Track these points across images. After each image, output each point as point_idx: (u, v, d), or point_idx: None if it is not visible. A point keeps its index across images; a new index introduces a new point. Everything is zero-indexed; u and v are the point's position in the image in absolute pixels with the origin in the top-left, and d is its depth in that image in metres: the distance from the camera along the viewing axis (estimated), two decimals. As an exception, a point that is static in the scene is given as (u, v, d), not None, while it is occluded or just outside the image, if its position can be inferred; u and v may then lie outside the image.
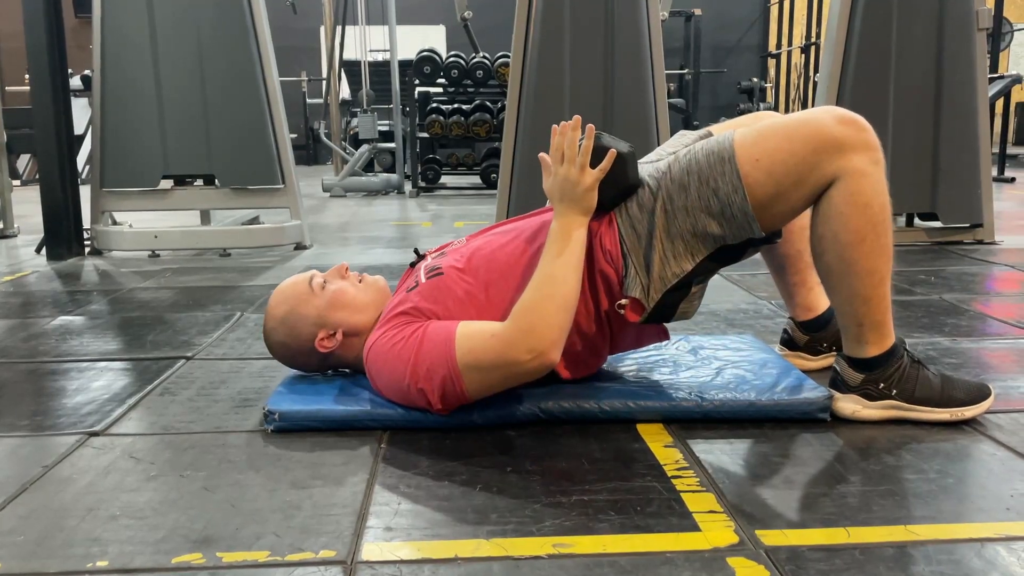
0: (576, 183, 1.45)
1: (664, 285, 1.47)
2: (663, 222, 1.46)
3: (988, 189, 3.74)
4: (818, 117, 1.41)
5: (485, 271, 1.53)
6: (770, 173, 1.40)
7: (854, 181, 1.38)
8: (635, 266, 1.48)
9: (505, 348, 1.38)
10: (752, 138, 1.44)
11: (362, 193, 7.38)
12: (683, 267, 1.46)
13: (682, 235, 1.45)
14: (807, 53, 11.40)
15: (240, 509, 1.21)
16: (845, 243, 1.41)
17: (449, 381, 1.40)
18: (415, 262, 1.69)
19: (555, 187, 1.47)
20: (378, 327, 1.54)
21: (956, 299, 2.60)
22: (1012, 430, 1.48)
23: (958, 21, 3.61)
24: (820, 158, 1.39)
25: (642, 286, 1.48)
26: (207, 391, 1.77)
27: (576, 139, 1.46)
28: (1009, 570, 1.03)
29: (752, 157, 1.41)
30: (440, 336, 1.42)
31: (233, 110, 3.80)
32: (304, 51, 12.94)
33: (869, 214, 1.39)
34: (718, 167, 1.43)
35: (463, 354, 1.39)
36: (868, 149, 1.39)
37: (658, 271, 1.47)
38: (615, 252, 1.49)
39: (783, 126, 1.43)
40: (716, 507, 1.20)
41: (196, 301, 2.74)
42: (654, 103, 3.69)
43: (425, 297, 1.51)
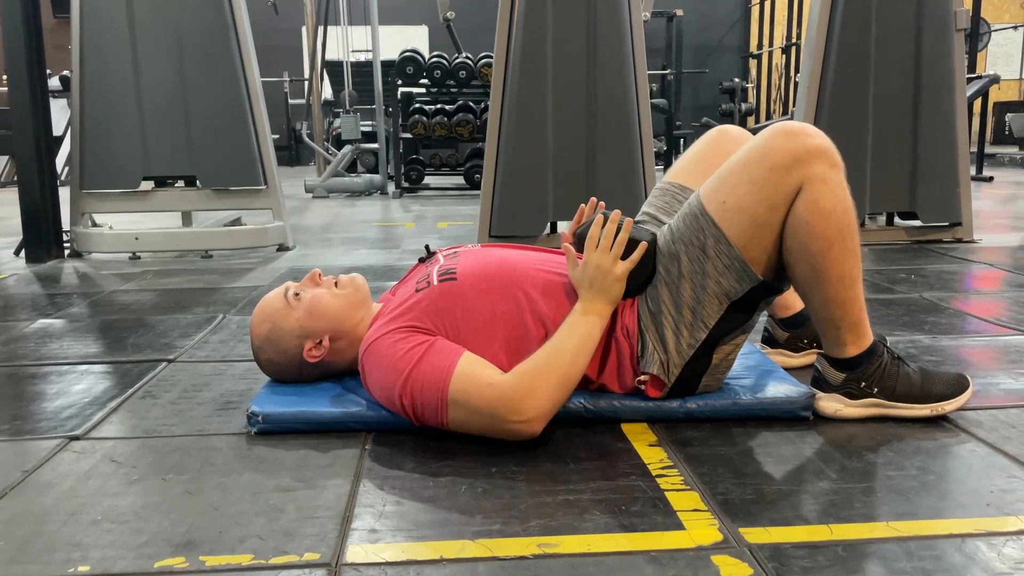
0: (607, 272, 1.47)
1: (682, 359, 1.49)
2: (667, 296, 1.49)
3: (967, 188, 3.79)
4: (766, 139, 1.43)
5: (500, 285, 1.51)
6: (741, 209, 1.42)
7: (814, 188, 1.39)
8: (653, 342, 1.50)
9: (497, 401, 1.37)
10: (714, 185, 1.47)
11: (345, 194, 7.36)
12: (697, 336, 1.48)
13: (688, 304, 1.47)
14: (788, 54, 11.48)
15: (223, 512, 1.21)
16: (814, 252, 1.42)
17: (433, 408, 1.40)
18: (424, 257, 1.68)
19: (585, 275, 1.48)
20: (382, 323, 1.51)
21: (936, 297, 2.62)
22: (992, 426, 1.50)
23: (936, 22, 3.65)
24: (779, 175, 1.40)
25: (660, 362, 1.50)
26: (189, 394, 1.76)
27: (613, 231, 1.49)
28: (989, 565, 1.04)
29: (719, 201, 1.44)
30: (441, 362, 1.40)
31: (214, 111, 3.78)
32: (286, 51, 12.87)
33: (833, 219, 1.41)
34: (695, 225, 1.47)
35: (456, 390, 1.38)
36: (822, 154, 1.40)
37: (674, 345, 1.49)
38: (632, 328, 1.51)
39: (737, 161, 1.46)
40: (700, 505, 1.21)
41: (178, 303, 2.72)
42: (636, 103, 3.70)
43: (434, 302, 1.49)
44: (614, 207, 1.95)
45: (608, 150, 3.68)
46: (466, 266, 1.54)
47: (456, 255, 1.60)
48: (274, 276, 3.22)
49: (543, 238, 3.77)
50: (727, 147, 1.69)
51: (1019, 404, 1.62)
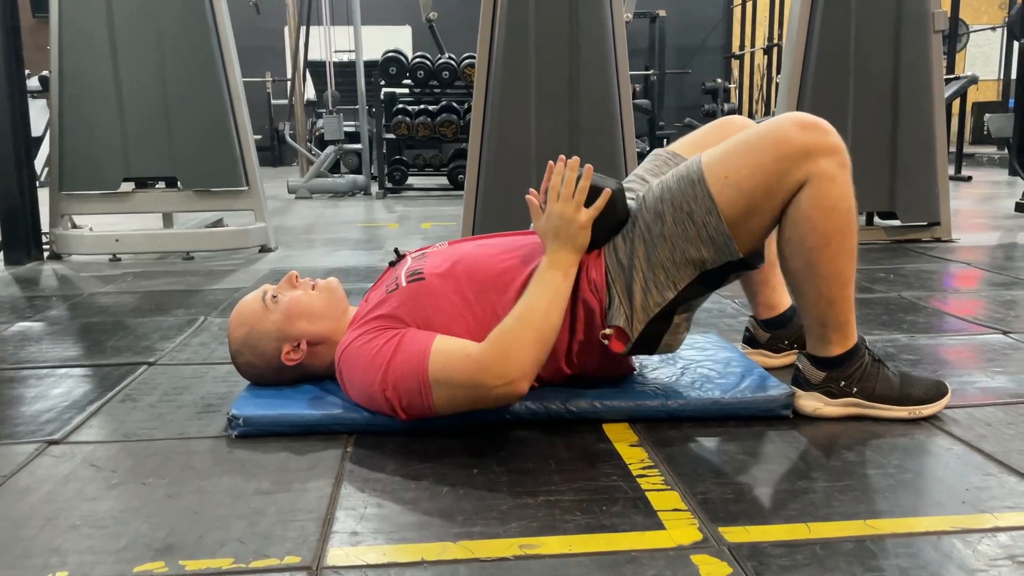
0: (571, 221, 1.46)
1: (647, 315, 1.48)
2: (643, 251, 1.48)
3: (945, 188, 3.82)
4: (780, 125, 1.42)
5: (468, 282, 1.51)
6: (740, 188, 1.42)
7: (821, 185, 1.40)
8: (619, 296, 1.50)
9: (478, 370, 1.37)
10: (718, 156, 1.45)
11: (328, 195, 7.33)
12: (665, 296, 1.47)
13: (662, 264, 1.47)
14: (769, 54, 11.55)
15: (203, 516, 1.20)
16: (811, 247, 1.43)
17: (417, 393, 1.40)
18: (394, 261, 1.68)
19: (549, 226, 1.47)
20: (353, 328, 1.52)
21: (914, 296, 2.65)
22: (968, 425, 1.52)
23: (914, 23, 3.68)
24: (786, 166, 1.40)
25: (625, 316, 1.49)
26: (170, 397, 1.75)
27: (573, 179, 1.47)
28: (965, 562, 1.05)
29: (720, 175, 1.43)
30: (415, 347, 1.41)
31: (195, 111, 3.75)
32: (268, 51, 12.82)
33: (835, 218, 1.41)
34: (689, 191, 1.45)
35: (436, 369, 1.38)
36: (833, 152, 1.41)
37: (640, 301, 1.48)
38: (600, 282, 1.50)
39: (746, 140, 1.44)
40: (680, 505, 1.22)
41: (158, 305, 2.70)
42: (619, 103, 3.71)
43: (404, 303, 1.49)
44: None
45: (591, 150, 3.68)
46: (433, 265, 1.55)
47: (424, 256, 1.61)
48: (256, 278, 3.21)
49: (526, 239, 3.77)
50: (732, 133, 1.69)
51: (995, 402, 1.64)
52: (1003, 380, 1.78)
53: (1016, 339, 2.10)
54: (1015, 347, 2.03)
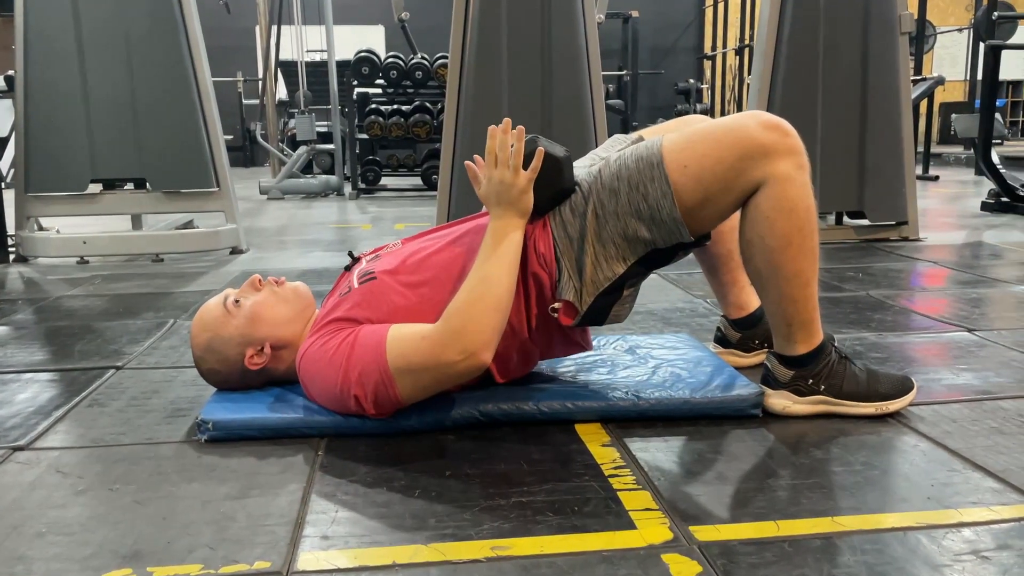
0: (511, 185, 1.45)
1: (596, 288, 1.49)
2: (594, 226, 1.48)
3: (912, 188, 3.88)
4: (744, 123, 1.43)
5: (418, 275, 1.52)
6: (698, 179, 1.43)
7: (780, 186, 1.41)
8: (568, 270, 1.50)
9: (436, 349, 1.37)
10: (680, 144, 1.46)
11: (300, 195, 7.28)
12: (615, 271, 1.48)
13: (613, 239, 1.47)
14: (741, 55, 11.65)
15: (172, 522, 1.19)
16: (772, 247, 1.44)
17: (382, 385, 1.40)
18: (350, 265, 1.67)
19: (490, 191, 1.47)
20: (310, 335, 1.52)
21: (882, 295, 2.68)
22: (934, 421, 1.54)
23: (882, 25, 3.73)
24: (746, 164, 1.41)
25: (575, 289, 1.49)
26: (138, 401, 1.73)
27: (508, 142, 1.46)
28: (930, 558, 1.07)
29: (680, 163, 1.44)
30: (371, 340, 1.41)
31: (164, 111, 3.71)
32: (239, 51, 12.71)
33: (794, 218, 1.43)
34: (647, 172, 1.45)
35: (395, 357, 1.38)
36: (793, 154, 1.43)
37: (590, 274, 1.48)
38: (548, 256, 1.50)
39: (711, 132, 1.45)
40: (652, 505, 1.22)
41: (127, 308, 2.67)
42: (591, 103, 3.72)
43: (357, 303, 1.49)
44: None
45: (563, 151, 3.69)
46: (384, 265, 1.55)
47: (377, 257, 1.61)
48: (227, 280, 3.18)
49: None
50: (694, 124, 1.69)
51: (960, 399, 1.67)
52: (968, 377, 1.81)
53: (981, 336, 2.14)
54: (980, 344, 2.07)
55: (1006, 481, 1.29)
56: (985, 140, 5.12)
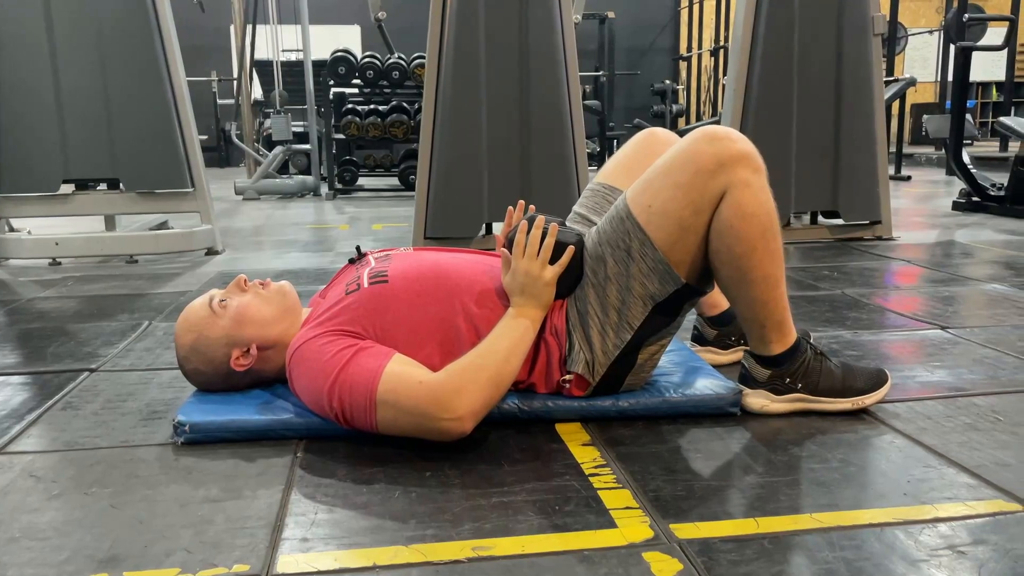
0: (537, 279, 1.48)
1: (608, 359, 1.51)
2: (594, 297, 1.51)
3: (886, 187, 3.93)
4: (691, 143, 1.46)
5: (434, 287, 1.50)
6: (665, 213, 1.45)
7: (738, 193, 1.43)
8: (579, 341, 1.52)
9: (427, 399, 1.36)
10: (640, 188, 1.49)
11: (277, 196, 7.24)
12: (622, 337, 1.50)
13: (613, 305, 1.49)
14: (716, 56, 11.73)
15: (149, 526, 1.18)
16: (739, 254, 1.45)
17: (362, 410, 1.38)
18: (355, 259, 1.66)
19: (515, 283, 1.49)
20: (309, 326, 1.49)
21: (857, 294, 2.71)
22: (909, 418, 1.56)
23: (855, 27, 3.77)
24: (704, 180, 1.43)
25: (586, 361, 1.52)
26: (113, 404, 1.71)
27: (538, 238, 1.49)
28: (907, 553, 1.08)
29: (644, 205, 1.46)
30: (370, 363, 1.39)
31: (137, 111, 3.67)
32: (214, 50, 12.61)
33: (756, 223, 1.44)
34: (621, 228, 1.48)
35: (385, 390, 1.37)
36: (744, 159, 1.44)
37: (600, 345, 1.51)
38: (561, 328, 1.53)
39: (663, 164, 1.48)
40: (632, 503, 1.23)
41: (101, 310, 2.64)
42: (569, 104, 3.73)
43: (363, 305, 1.47)
44: (548, 208, 1.97)
45: (542, 151, 3.70)
46: (398, 269, 1.53)
47: (388, 258, 1.59)
48: (203, 281, 3.15)
49: (478, 239, 3.78)
50: (656, 148, 1.73)
51: (935, 396, 1.69)
52: (942, 374, 1.83)
53: (954, 334, 2.17)
54: (953, 342, 2.09)
55: (980, 477, 1.31)
56: (956, 141, 5.19)
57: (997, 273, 3.05)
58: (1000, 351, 2.00)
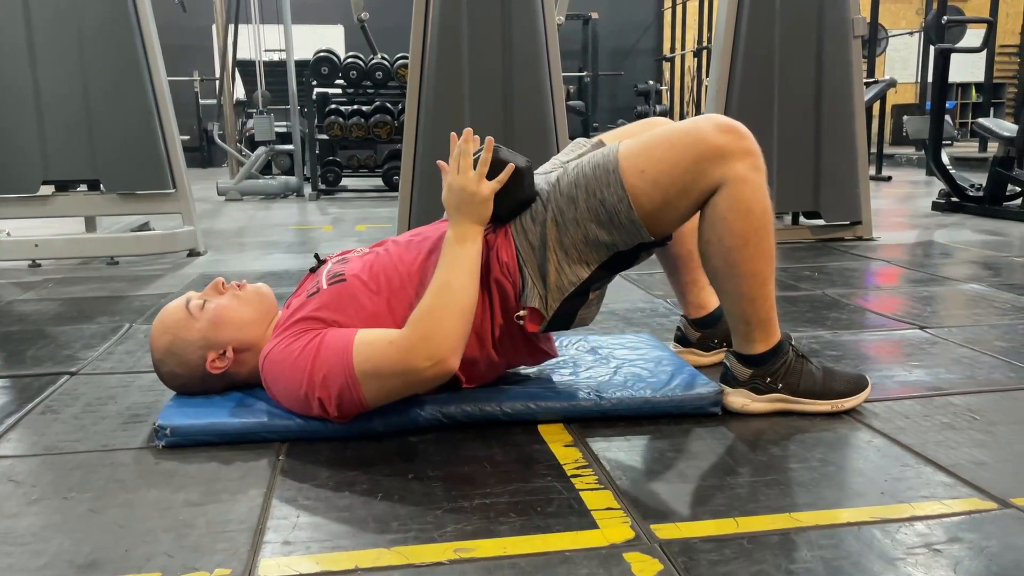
0: (473, 193, 1.46)
1: (562, 294, 1.50)
2: (555, 233, 1.49)
3: (866, 188, 3.96)
4: (700, 126, 1.45)
5: (386, 280, 1.52)
6: (656, 183, 1.44)
7: (736, 187, 1.43)
8: (532, 277, 1.51)
9: (403, 355, 1.37)
10: (637, 149, 1.47)
11: (259, 196, 7.20)
12: (579, 275, 1.49)
13: (575, 245, 1.48)
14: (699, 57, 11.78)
15: (129, 530, 1.17)
16: (729, 247, 1.46)
17: (347, 389, 1.39)
18: (315, 267, 1.66)
19: (451, 197, 1.48)
20: (275, 335, 1.51)
21: (838, 294, 2.74)
22: (887, 418, 1.58)
23: (835, 29, 3.80)
24: (703, 166, 1.43)
25: (540, 296, 1.50)
26: (93, 408, 1.70)
27: (470, 151, 1.47)
28: (884, 551, 1.09)
29: (637, 168, 1.45)
30: (338, 344, 1.40)
31: (118, 111, 3.64)
32: (196, 50, 12.52)
33: (751, 219, 1.45)
34: (603, 178, 1.47)
35: (361, 361, 1.37)
36: (748, 155, 1.45)
37: (554, 281, 1.49)
38: (512, 264, 1.51)
39: (667, 136, 1.47)
40: (613, 504, 1.23)
41: (81, 313, 2.62)
42: (552, 105, 3.73)
43: (325, 304, 1.49)
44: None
45: (525, 151, 3.67)
46: (354, 268, 1.54)
47: (345, 260, 1.61)
48: (184, 283, 3.13)
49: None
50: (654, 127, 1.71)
51: (913, 396, 1.71)
52: (920, 374, 1.85)
53: (932, 334, 2.19)
54: (932, 342, 2.12)
55: (957, 475, 1.32)
56: (935, 141, 5.24)
57: (975, 273, 3.09)
58: (977, 351, 2.02)
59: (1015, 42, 12.97)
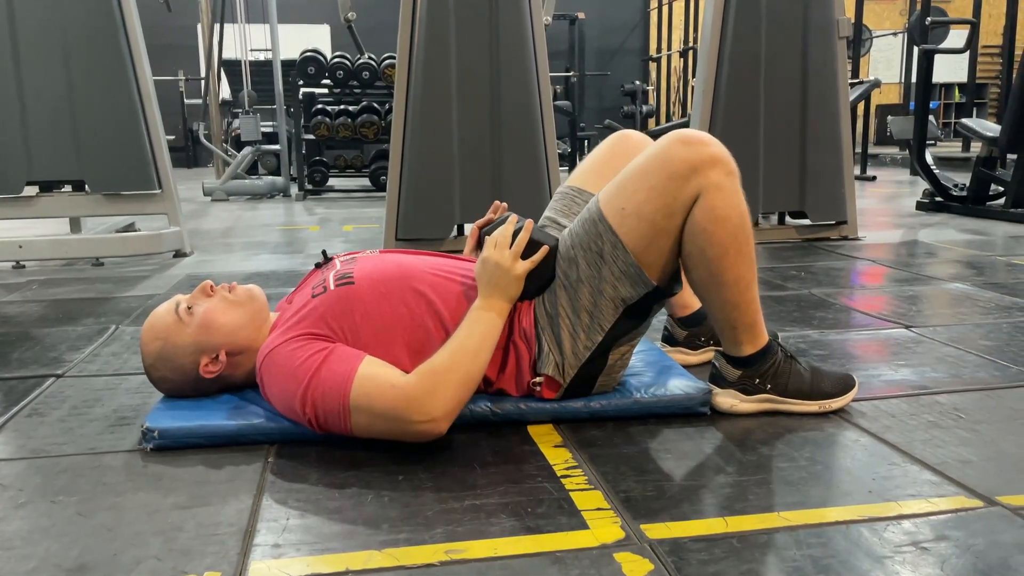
0: (507, 272, 1.48)
1: (578, 360, 1.52)
2: (565, 299, 1.51)
3: (851, 188, 3.99)
4: (664, 147, 1.47)
5: (399, 288, 1.51)
6: (639, 215, 1.46)
7: (711, 196, 1.44)
8: (548, 344, 1.53)
9: (401, 403, 1.36)
10: (613, 191, 1.50)
11: (246, 197, 7.17)
12: (593, 339, 1.51)
13: (585, 308, 1.50)
14: (685, 57, 11.82)
15: (118, 533, 1.16)
16: (711, 257, 1.47)
17: (336, 415, 1.38)
18: (321, 263, 1.65)
19: (484, 272, 1.49)
20: (278, 332, 1.49)
21: (824, 293, 2.75)
22: (874, 416, 1.59)
23: (821, 30, 3.83)
24: (677, 183, 1.44)
25: (556, 363, 1.52)
26: (80, 410, 1.68)
27: (511, 232, 1.50)
28: (872, 549, 1.10)
29: (617, 208, 1.47)
30: (341, 368, 1.39)
31: (103, 111, 3.61)
32: (181, 49, 12.46)
33: (729, 226, 1.46)
34: (593, 231, 1.49)
35: (358, 395, 1.37)
36: (718, 163, 1.45)
37: (570, 347, 1.52)
38: (530, 331, 1.53)
39: (636, 167, 1.49)
40: (603, 504, 1.24)
41: (67, 314, 2.60)
42: (539, 105, 3.74)
43: (331, 308, 1.47)
44: (518, 207, 1.98)
45: (513, 152, 3.71)
46: (364, 270, 1.53)
47: (354, 260, 1.59)
48: (171, 284, 3.11)
49: (450, 240, 3.78)
50: (628, 152, 1.74)
51: (899, 394, 1.72)
52: (906, 373, 1.87)
53: (918, 333, 2.21)
54: (917, 341, 2.13)
55: (943, 474, 1.33)
56: (920, 141, 5.28)
57: (960, 272, 3.11)
58: (962, 349, 2.04)
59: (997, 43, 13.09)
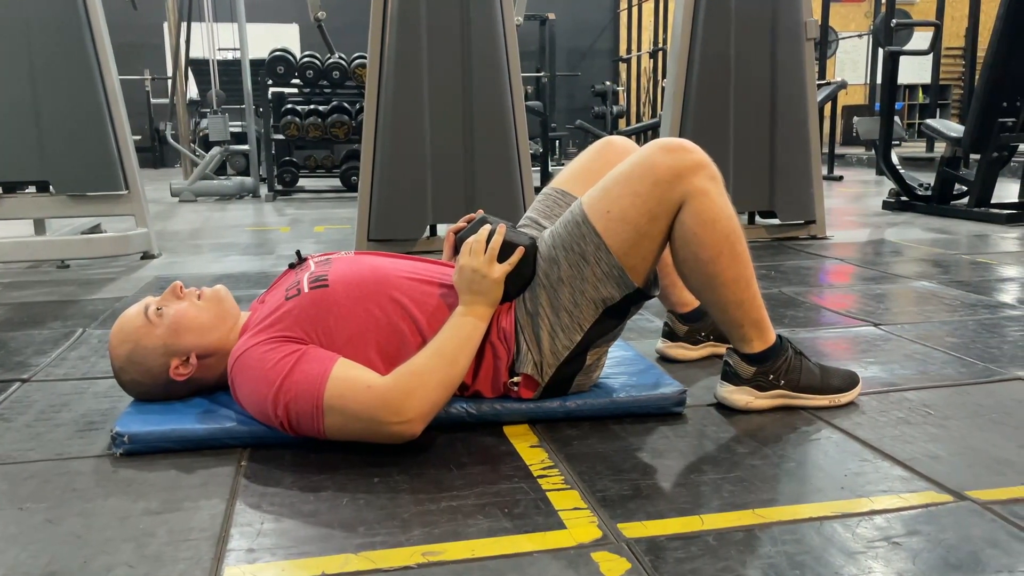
0: (484, 276, 1.47)
1: (557, 359, 1.52)
2: (545, 298, 1.51)
3: (819, 187, 4.04)
4: (648, 154, 1.48)
5: (375, 292, 1.49)
6: (623, 219, 1.47)
7: (697, 201, 1.46)
8: (527, 343, 1.52)
9: (376, 403, 1.35)
10: (597, 195, 1.51)
11: (214, 197, 7.09)
12: (572, 338, 1.51)
13: (565, 307, 1.51)
14: (655, 58, 11.89)
15: (88, 540, 1.14)
16: (705, 260, 1.48)
17: (309, 417, 1.37)
18: (295, 264, 1.64)
19: (463, 279, 1.49)
20: (250, 334, 1.47)
21: (794, 292, 2.78)
22: (845, 413, 1.61)
23: (789, 32, 3.87)
24: (661, 189, 1.45)
25: (534, 362, 1.52)
26: (47, 415, 1.65)
27: (484, 237, 1.50)
28: (845, 545, 1.11)
29: (602, 211, 1.48)
30: (315, 369, 1.37)
31: (68, 111, 3.55)
32: (148, 48, 12.30)
33: (719, 228, 1.47)
34: (576, 232, 1.50)
35: (332, 396, 1.36)
36: (700, 167, 1.47)
37: (548, 346, 1.52)
38: (509, 331, 1.53)
39: (621, 173, 1.50)
40: (580, 504, 1.24)
41: (31, 318, 2.55)
42: (511, 105, 3.74)
43: (305, 311, 1.46)
44: (491, 208, 1.97)
45: (485, 152, 3.70)
46: (338, 273, 1.52)
47: (328, 262, 1.58)
48: (138, 286, 3.07)
49: (423, 240, 3.76)
50: (612, 158, 1.75)
51: (868, 391, 1.74)
52: (875, 370, 1.89)
53: (886, 331, 2.24)
54: (885, 338, 2.17)
55: (913, 469, 1.36)
56: (885, 142, 5.36)
57: (925, 271, 3.16)
58: (929, 346, 2.08)
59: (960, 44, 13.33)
